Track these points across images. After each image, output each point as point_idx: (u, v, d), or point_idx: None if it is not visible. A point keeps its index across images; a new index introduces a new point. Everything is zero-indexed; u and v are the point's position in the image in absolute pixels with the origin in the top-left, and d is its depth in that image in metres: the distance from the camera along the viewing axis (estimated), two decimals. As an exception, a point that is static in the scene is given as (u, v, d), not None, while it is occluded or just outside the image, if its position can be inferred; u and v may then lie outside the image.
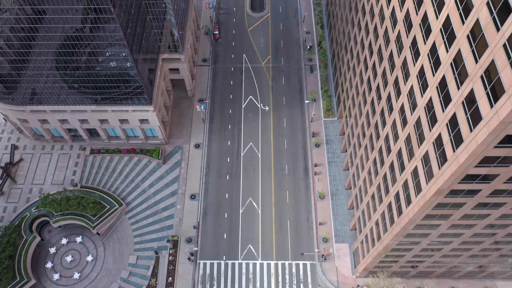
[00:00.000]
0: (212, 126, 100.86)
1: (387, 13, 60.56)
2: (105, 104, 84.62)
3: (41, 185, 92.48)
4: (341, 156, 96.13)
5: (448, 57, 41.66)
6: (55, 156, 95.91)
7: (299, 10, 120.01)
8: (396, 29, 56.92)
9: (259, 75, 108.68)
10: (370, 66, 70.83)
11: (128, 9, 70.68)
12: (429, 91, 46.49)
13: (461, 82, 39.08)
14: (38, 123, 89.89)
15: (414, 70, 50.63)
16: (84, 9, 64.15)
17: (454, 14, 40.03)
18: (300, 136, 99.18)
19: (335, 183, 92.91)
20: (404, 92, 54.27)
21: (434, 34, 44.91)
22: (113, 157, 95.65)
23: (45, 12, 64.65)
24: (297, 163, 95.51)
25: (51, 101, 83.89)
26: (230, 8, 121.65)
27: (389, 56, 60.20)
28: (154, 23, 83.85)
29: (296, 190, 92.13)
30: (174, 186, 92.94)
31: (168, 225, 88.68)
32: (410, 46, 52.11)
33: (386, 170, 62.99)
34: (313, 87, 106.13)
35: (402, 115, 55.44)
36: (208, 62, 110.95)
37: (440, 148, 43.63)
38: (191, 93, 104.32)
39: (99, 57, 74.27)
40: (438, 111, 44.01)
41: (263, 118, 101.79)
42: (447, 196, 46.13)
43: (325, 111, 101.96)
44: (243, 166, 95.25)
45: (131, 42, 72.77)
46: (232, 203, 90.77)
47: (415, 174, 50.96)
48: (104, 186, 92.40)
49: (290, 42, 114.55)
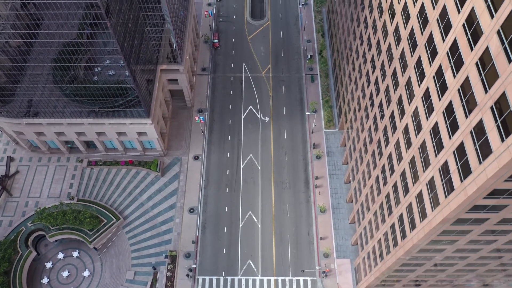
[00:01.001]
0: (211, 137, 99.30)
1: (391, 29, 59.03)
2: (102, 117, 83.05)
3: (37, 198, 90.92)
4: (342, 169, 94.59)
5: (455, 83, 40.11)
6: (52, 168, 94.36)
7: (299, 18, 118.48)
8: (400, 47, 55.38)
9: (259, 85, 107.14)
10: (372, 81, 69.28)
11: (125, 23, 69.15)
12: (434, 115, 44.94)
13: (469, 110, 37.53)
14: (34, 136, 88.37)
15: (419, 92, 49.07)
16: (80, 24, 62.57)
17: (462, 39, 38.47)
18: (300, 147, 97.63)
19: (336, 197, 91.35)
20: (408, 113, 52.71)
21: (440, 57, 43.35)
22: (110, 169, 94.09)
23: (40, 27, 63.06)
24: (298, 176, 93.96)
25: (47, 114, 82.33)
26: (229, 16, 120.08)
27: (393, 73, 58.66)
28: (152, 35, 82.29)
29: (296, 204, 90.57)
30: (172, 199, 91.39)
31: (167, 239, 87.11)
32: (414, 66, 50.58)
33: (389, 189, 61.44)
34: (314, 97, 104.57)
35: (406, 136, 53.89)
36: (208, 71, 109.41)
37: (447, 176, 42.08)
38: (190, 104, 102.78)
39: (95, 70, 72.66)
40: (445, 137, 42.45)
41: (263, 129, 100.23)
42: (453, 224, 44.58)
43: (326, 122, 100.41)
44: (243, 178, 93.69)
45: (128, 55, 71.22)
46: (231, 217, 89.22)
47: (420, 199, 49.41)
48: (102, 199, 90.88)
49: (291, 51, 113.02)
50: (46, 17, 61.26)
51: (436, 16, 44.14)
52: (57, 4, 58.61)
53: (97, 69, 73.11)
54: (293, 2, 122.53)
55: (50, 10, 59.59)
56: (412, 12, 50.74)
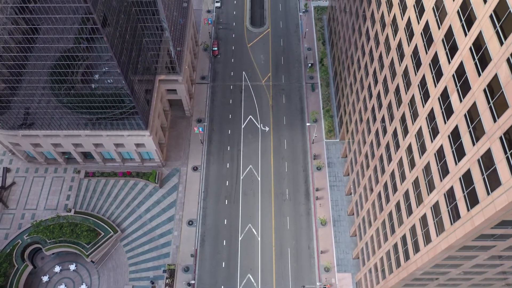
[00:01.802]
0: (210, 147, 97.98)
1: (393, 44, 57.74)
2: (100, 129, 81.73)
3: (33, 210, 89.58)
4: (343, 180, 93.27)
5: (461, 107, 38.81)
6: (49, 180, 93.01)
7: (300, 26, 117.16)
8: (403, 63, 54.09)
9: (259, 94, 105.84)
10: (374, 94, 67.98)
11: (122, 35, 67.82)
12: (439, 138, 43.64)
13: (477, 138, 36.24)
14: (30, 147, 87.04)
15: (423, 112, 47.78)
16: (76, 38, 61.25)
17: (469, 63, 37.17)
18: (301, 158, 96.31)
19: (337, 209, 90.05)
20: (412, 132, 51.42)
21: (446, 79, 42.05)
22: (108, 180, 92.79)
23: (35, 41, 61.75)
24: (298, 187, 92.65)
25: (44, 126, 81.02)
26: (229, 23, 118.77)
27: (396, 90, 57.36)
28: (150, 45, 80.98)
29: (297, 216, 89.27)
30: (171, 211, 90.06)
31: (165, 253, 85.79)
32: (418, 85, 49.28)
33: (391, 207, 60.16)
34: (315, 107, 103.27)
35: (409, 155, 52.59)
36: (207, 80, 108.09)
37: (452, 202, 40.78)
38: (189, 113, 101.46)
39: (91, 83, 71.32)
40: (450, 162, 41.15)
41: (263, 139, 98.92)
42: (459, 250, 43.28)
43: (327, 132, 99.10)
44: (243, 190, 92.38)
45: (126, 67, 69.88)
46: (231, 230, 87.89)
47: (424, 222, 48.11)
48: (99, 211, 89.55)
49: (291, 59, 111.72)
50: (41, 31, 59.93)
51: (441, 36, 42.85)
52: (52, 19, 57.28)
53: (94, 81, 71.75)
54: (294, 9, 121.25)
55: (45, 24, 58.27)
56: (416, 30, 49.45)
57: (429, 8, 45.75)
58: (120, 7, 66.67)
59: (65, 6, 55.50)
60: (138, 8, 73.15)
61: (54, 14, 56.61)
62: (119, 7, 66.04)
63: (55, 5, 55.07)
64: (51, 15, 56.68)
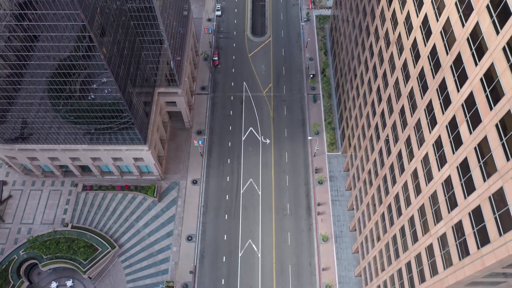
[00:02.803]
0: (210, 160, 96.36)
1: (399, 63, 56.12)
2: (98, 143, 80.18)
3: (30, 224, 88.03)
4: (346, 195, 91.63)
5: (471, 140, 37.17)
6: (46, 193, 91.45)
7: (301, 35, 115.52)
8: (409, 85, 52.47)
9: (260, 105, 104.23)
10: (378, 112, 66.34)
11: (120, 51, 66.23)
12: (447, 168, 42.00)
13: (488, 173, 34.60)
14: (27, 160, 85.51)
15: (430, 138, 46.14)
16: (73, 56, 59.65)
17: (480, 95, 35.55)
18: (302, 172, 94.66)
19: (339, 224, 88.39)
20: (418, 157, 49.78)
21: (454, 107, 40.41)
22: (106, 194, 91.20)
23: (31, 59, 60.19)
24: (299, 202, 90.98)
25: (40, 140, 79.49)
26: (230, 32, 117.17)
27: (401, 111, 55.72)
28: (149, 58, 79.44)
29: (298, 232, 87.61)
30: (170, 226, 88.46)
31: (163, 269, 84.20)
32: (425, 109, 47.64)
33: (396, 231, 58.51)
34: (316, 119, 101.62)
35: (415, 181, 50.93)
36: (207, 91, 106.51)
37: (461, 237, 39.13)
38: (189, 125, 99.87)
39: (88, 98, 69.74)
40: (459, 195, 39.50)
41: (264, 152, 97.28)
42: (467, 286, 41.65)
43: (329, 145, 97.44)
44: (243, 204, 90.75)
45: (124, 83, 68.30)
46: (230, 246, 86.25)
47: (430, 252, 46.47)
48: (97, 225, 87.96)
49: (293, 69, 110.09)
50: (36, 48, 58.37)
51: (449, 62, 41.22)
52: (47, 36, 55.71)
53: (91, 96, 70.19)
54: (295, 18, 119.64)
55: (41, 42, 56.70)
56: (423, 52, 47.84)
57: (436, 32, 44.14)
58: (118, 22, 65.12)
59: (61, 25, 53.90)
60: (137, 22, 71.60)
61: (49, 32, 55.03)
62: (117, 22, 64.49)
63: (50, 23, 53.49)
64: (46, 33, 55.09)
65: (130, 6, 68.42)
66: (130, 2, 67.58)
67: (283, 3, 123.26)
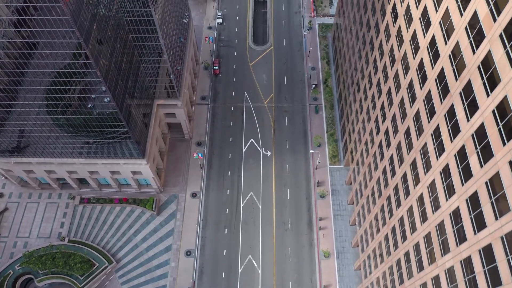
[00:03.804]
0: (210, 172, 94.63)
1: (404, 82, 54.35)
2: (95, 157, 78.56)
3: (26, 238, 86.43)
4: (348, 209, 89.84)
5: (482, 174, 35.37)
6: (42, 205, 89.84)
7: (304, 44, 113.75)
8: (415, 107, 50.67)
9: (261, 116, 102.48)
10: (382, 130, 64.57)
11: (118, 65, 64.57)
12: (456, 199, 40.20)
13: (500, 212, 32.82)
14: (23, 173, 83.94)
15: (437, 165, 44.35)
16: (68, 73, 57.98)
17: (491, 128, 33.76)
18: (304, 185, 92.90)
19: (341, 240, 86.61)
20: (424, 183, 47.99)
21: (463, 137, 38.63)
22: (104, 207, 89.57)
23: (25, 75, 58.58)
24: (301, 216, 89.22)
25: (37, 153, 77.89)
26: (231, 40, 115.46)
27: (406, 132, 53.95)
28: (148, 71, 77.80)
29: (299, 247, 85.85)
30: (168, 241, 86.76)
31: (162, 285, 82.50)
32: (432, 134, 45.86)
33: (400, 255, 56.74)
34: (318, 130, 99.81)
35: (420, 207, 49.16)
36: (207, 100, 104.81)
37: (471, 274, 37.32)
38: (189, 136, 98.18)
39: (85, 115, 68.11)
40: (468, 229, 37.69)
41: (265, 164, 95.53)
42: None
43: (331, 158, 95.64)
44: (243, 218, 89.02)
45: (122, 98, 66.60)
46: (230, 261, 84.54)
47: (437, 283, 44.68)
48: (94, 239, 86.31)
49: (295, 79, 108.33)
50: (31, 65, 56.74)
51: (458, 89, 39.45)
52: (42, 54, 54.08)
53: (87, 112, 68.55)
54: (297, 26, 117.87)
55: (35, 59, 55.08)
56: (430, 75, 46.08)
57: (445, 55, 42.37)
58: (116, 36, 63.46)
59: (56, 42, 52.29)
60: (136, 35, 69.94)
61: (44, 49, 53.41)
62: (114, 36, 62.84)
63: (44, 40, 51.87)
64: (41, 50, 53.48)
65: (129, 19, 66.75)
66: (128, 15, 65.92)
67: (285, 11, 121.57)
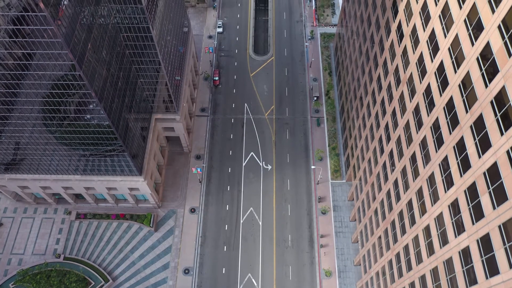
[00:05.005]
0: (209, 187, 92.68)
1: (410, 106, 52.33)
2: (92, 174, 76.66)
3: (21, 255, 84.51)
4: (350, 226, 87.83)
5: (495, 216, 33.38)
6: (38, 221, 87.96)
7: (305, 54, 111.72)
8: (422, 133, 48.69)
9: (261, 128, 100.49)
10: (386, 151, 62.54)
11: (114, 83, 62.61)
12: (465, 238, 38.17)
13: (509, 240, 30.85)
14: (18, 189, 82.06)
15: (445, 197, 42.30)
16: (62, 94, 56.04)
17: (506, 169, 31.75)
18: (305, 200, 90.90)
19: (342, 258, 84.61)
20: (431, 214, 45.96)
21: (474, 174, 36.63)
22: (100, 222, 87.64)
23: (18, 96, 56.66)
24: (301, 233, 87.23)
25: (31, 170, 76.02)
26: (231, 50, 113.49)
27: (412, 158, 51.95)
28: (146, 86, 75.87)
29: (300, 266, 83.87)
30: (166, 258, 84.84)
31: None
32: (440, 164, 43.87)
33: (405, 285, 54.67)
34: (320, 143, 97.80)
35: (427, 238, 47.12)
36: (207, 112, 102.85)
37: (482, 320, 35.35)
38: (188, 149, 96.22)
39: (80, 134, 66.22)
40: (479, 272, 35.68)
41: (265, 179, 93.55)
42: None
43: (333, 172, 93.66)
44: (242, 235, 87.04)
45: (118, 117, 64.66)
46: (229, 280, 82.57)
47: (445, 322, 42.70)
48: (90, 257, 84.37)
49: (296, 90, 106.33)
50: (23, 87, 54.83)
51: (469, 122, 37.44)
52: (34, 75, 52.17)
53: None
54: (299, 36, 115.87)
55: (28, 79, 53.15)
56: (438, 102, 44.05)
57: (454, 84, 40.36)
58: (112, 54, 61.51)
59: (49, 64, 50.36)
60: (133, 51, 68.01)
61: (36, 71, 51.50)
62: (111, 54, 60.88)
63: (37, 62, 49.95)
64: (32, 71, 51.57)
65: (126, 36, 64.81)
66: (125, 32, 63.97)
67: (286, 20, 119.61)
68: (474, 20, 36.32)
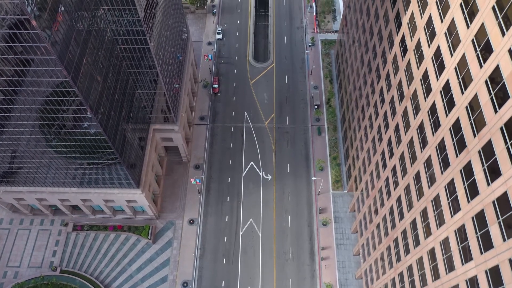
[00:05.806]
0: (208, 198, 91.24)
1: (414, 123, 50.89)
2: (88, 187, 75.28)
3: (17, 268, 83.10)
4: (351, 238, 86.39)
5: (505, 248, 31.95)
6: (34, 233, 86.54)
7: (306, 61, 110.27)
8: (426, 152, 47.25)
9: (261, 137, 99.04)
10: (389, 166, 61.11)
11: (111, 97, 61.21)
12: (472, 267, 36.76)
13: None
14: (14, 201, 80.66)
15: (450, 222, 40.88)
16: (57, 109, 54.61)
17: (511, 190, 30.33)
18: (305, 212, 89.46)
19: (344, 271, 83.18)
20: (436, 238, 44.52)
21: (482, 201, 35.21)
22: (98, 234, 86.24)
23: (11, 111, 55.24)
24: (302, 245, 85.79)
25: (27, 182, 74.63)
26: (231, 57, 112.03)
27: (416, 176, 50.51)
28: (143, 97, 74.46)
29: (300, 279, 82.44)
30: (164, 271, 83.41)
31: (157, 319, 79.29)
32: (445, 187, 42.42)
33: (408, 305, 53.29)
34: (321, 153, 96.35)
35: (432, 261, 45.71)
36: (206, 121, 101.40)
37: None
38: (187, 159, 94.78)
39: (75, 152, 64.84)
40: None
41: (265, 189, 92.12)
42: None
43: (334, 183, 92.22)
44: (242, 247, 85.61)
45: (114, 132, 63.25)
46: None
47: None
48: (87, 269, 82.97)
49: (296, 98, 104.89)
50: (17, 102, 53.43)
51: (477, 147, 36.02)
52: (28, 91, 50.75)
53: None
54: (300, 43, 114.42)
55: (21, 96, 51.76)
56: (443, 122, 42.61)
57: (460, 105, 38.93)
58: (108, 67, 60.08)
59: (42, 80, 48.94)
60: (130, 63, 66.58)
61: (29, 87, 50.09)
62: (107, 68, 59.46)
63: (30, 79, 48.54)
64: (26, 87, 50.15)
65: (123, 47, 63.38)
66: (122, 44, 62.53)
67: (287, 26, 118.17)
68: (482, 41, 34.90)
